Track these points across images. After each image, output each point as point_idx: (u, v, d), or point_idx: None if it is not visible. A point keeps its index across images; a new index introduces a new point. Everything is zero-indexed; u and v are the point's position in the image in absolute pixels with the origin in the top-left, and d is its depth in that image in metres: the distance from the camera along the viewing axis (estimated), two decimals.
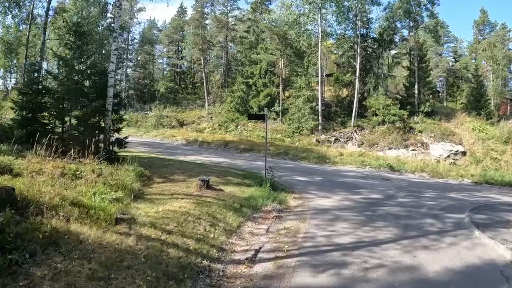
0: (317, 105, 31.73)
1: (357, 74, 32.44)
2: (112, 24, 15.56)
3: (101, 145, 14.44)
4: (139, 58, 60.78)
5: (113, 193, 9.09)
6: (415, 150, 28.15)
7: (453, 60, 51.51)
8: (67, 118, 15.46)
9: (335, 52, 47.48)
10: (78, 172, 10.89)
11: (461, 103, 45.11)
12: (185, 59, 56.74)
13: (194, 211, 8.66)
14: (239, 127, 34.37)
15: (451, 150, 27.74)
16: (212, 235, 7.73)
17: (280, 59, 35.88)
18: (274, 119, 34.21)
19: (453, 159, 27.38)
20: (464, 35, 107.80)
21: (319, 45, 32.79)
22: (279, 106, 34.13)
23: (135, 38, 59.94)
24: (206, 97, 42.83)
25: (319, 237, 8.33)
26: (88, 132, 14.79)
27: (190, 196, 10.12)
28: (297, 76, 33.15)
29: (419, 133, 30.27)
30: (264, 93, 34.92)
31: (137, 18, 57.42)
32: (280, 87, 35.22)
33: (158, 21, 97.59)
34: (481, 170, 25.03)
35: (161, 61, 66.63)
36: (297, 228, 8.96)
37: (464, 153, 28.03)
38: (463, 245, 8.56)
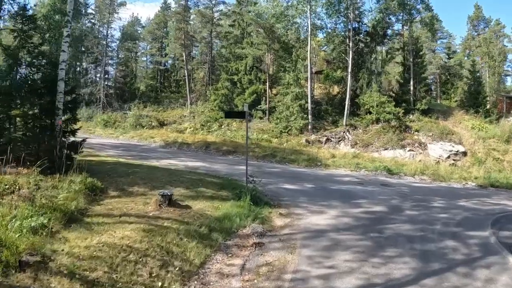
0: (307, 102, 29.49)
1: (349, 70, 30.28)
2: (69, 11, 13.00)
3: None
4: (120, 56, 57.98)
5: (33, 218, 6.70)
6: (412, 150, 26.10)
7: (447, 57, 49.75)
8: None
9: (324, 49, 45.54)
10: (7, 186, 8.60)
11: (456, 101, 43.49)
12: (169, 56, 54.24)
13: (141, 244, 6.27)
14: (222, 127, 31.97)
15: (451, 151, 25.76)
16: (159, 284, 5.37)
17: (267, 54, 33.56)
18: (261, 118, 31.90)
19: (453, 160, 25.40)
20: (458, 31, 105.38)
21: (309, 38, 30.58)
22: (266, 104, 31.82)
23: (113, 35, 57.21)
24: (188, 96, 40.29)
25: (314, 279, 6.02)
26: (40, 134, 12.35)
27: (143, 218, 7.73)
28: (285, 72, 30.89)
29: (416, 132, 28.25)
30: (250, 90, 32.59)
31: (118, 13, 54.63)
32: (267, 84, 32.89)
33: (141, 17, 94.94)
34: (484, 172, 23.11)
35: (145, 59, 63.97)
36: (283, 264, 6.64)
37: (464, 154, 26.09)
38: (502, 282, 6.51)
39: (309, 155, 23.21)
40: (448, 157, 25.36)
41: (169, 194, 9.23)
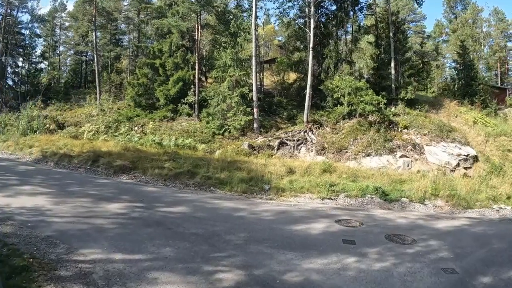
0: (251, 91, 20.60)
1: (311, 46, 21.62)
2: None
3: None
4: (33, 45, 46.76)
5: None
6: (406, 156, 17.80)
7: (421, 42, 42.67)
8: None
9: (279, 39, 37.23)
10: None
11: (433, 92, 36.66)
12: (91, 44, 43.79)
13: None
14: (136, 128, 22.37)
15: (459, 155, 17.74)
16: None
17: (197, 27, 24.25)
18: (189, 115, 22.63)
19: (464, 168, 17.42)
20: (433, 14, 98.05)
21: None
22: (195, 95, 22.53)
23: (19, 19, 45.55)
24: (97, 89, 30.26)
25: None
26: None
27: None
28: (221, 49, 21.78)
29: (405, 130, 20.07)
30: (175, 77, 23.27)
31: None
32: (196, 67, 23.50)
33: (67, 1, 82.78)
34: (510, 185, 15.29)
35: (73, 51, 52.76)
36: None
37: (475, 158, 18.21)
38: None
39: (250, 172, 14.05)
40: (458, 164, 17.35)
41: None
